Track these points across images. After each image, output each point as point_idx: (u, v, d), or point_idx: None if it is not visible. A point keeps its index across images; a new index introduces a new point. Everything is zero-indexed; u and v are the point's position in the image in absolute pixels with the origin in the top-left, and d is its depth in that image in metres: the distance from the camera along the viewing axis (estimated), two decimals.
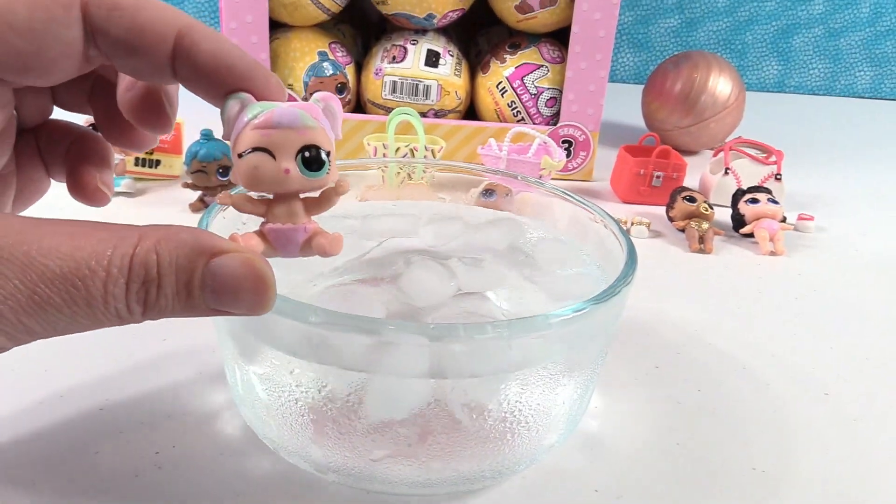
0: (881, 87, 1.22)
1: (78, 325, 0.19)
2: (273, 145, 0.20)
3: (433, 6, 0.64)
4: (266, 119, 0.20)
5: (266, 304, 0.20)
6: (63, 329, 0.19)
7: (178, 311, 0.20)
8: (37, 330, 0.19)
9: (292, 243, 0.21)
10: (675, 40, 1.18)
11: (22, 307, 0.18)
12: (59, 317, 0.19)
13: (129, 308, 0.19)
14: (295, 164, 0.20)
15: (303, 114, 0.20)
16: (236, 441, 0.31)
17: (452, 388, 0.25)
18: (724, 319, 0.44)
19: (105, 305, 0.19)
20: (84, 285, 0.19)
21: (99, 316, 0.19)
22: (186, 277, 0.19)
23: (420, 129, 0.56)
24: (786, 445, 0.33)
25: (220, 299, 0.20)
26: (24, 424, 0.31)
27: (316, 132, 0.20)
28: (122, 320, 0.20)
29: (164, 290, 0.19)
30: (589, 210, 0.34)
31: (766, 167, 0.64)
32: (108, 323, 0.19)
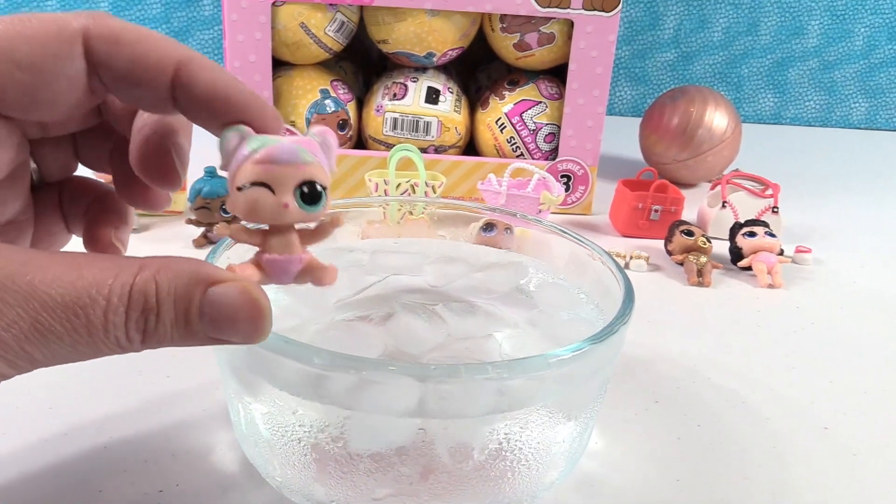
0: (876, 119, 1.24)
1: (78, 353, 0.19)
2: (273, 180, 0.20)
3: (433, 45, 0.66)
4: (266, 154, 0.20)
5: (262, 331, 0.21)
6: (64, 357, 0.20)
7: (177, 340, 0.20)
8: (38, 358, 0.19)
9: (287, 274, 0.21)
10: (672, 74, 1.20)
11: (24, 335, 0.18)
12: (60, 345, 0.19)
13: (128, 336, 0.20)
14: (293, 199, 0.20)
15: (301, 150, 0.20)
16: (239, 479, 0.31)
17: (445, 429, 0.26)
18: (723, 353, 0.45)
19: (105, 334, 0.19)
20: (85, 314, 0.19)
21: (99, 344, 0.19)
22: (185, 306, 0.20)
23: (420, 165, 0.57)
24: (786, 480, 0.33)
25: (217, 327, 0.20)
26: (28, 462, 0.31)
27: (313, 168, 0.20)
28: (121, 349, 0.20)
29: (162, 319, 0.20)
30: (587, 247, 0.35)
31: (763, 200, 0.65)
32: (107, 351, 0.20)
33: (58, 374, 0.38)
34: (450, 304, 0.32)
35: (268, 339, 0.24)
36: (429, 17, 0.64)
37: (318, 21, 0.64)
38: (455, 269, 0.37)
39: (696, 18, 1.17)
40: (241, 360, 0.27)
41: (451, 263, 0.38)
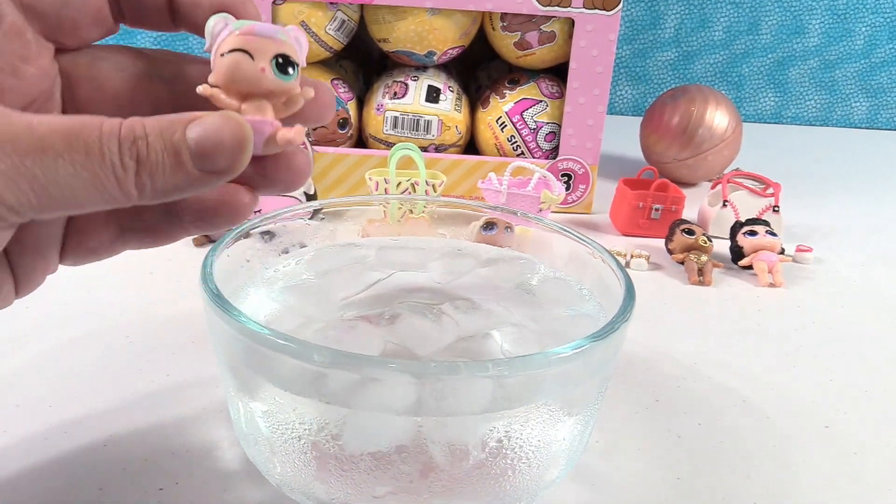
0: (877, 118, 1.23)
1: (79, 177, 0.20)
2: (253, 48, 0.22)
3: (434, 44, 0.66)
4: (248, 28, 0.22)
5: (245, 148, 0.21)
6: (64, 186, 0.20)
7: (169, 173, 0.21)
8: (37, 176, 0.19)
9: (259, 133, 0.23)
10: (673, 73, 1.19)
11: (24, 148, 0.19)
12: (59, 164, 0.19)
13: (122, 164, 0.20)
14: (270, 66, 0.22)
15: (279, 29, 0.23)
16: (239, 477, 0.31)
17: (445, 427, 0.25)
18: (724, 352, 0.45)
19: (102, 158, 0.20)
20: (83, 138, 0.20)
21: (97, 169, 0.20)
22: (171, 135, 0.21)
23: (421, 164, 0.57)
24: (787, 479, 0.33)
25: (204, 152, 0.21)
26: (28, 460, 0.31)
27: (288, 45, 0.23)
28: (119, 183, 0.20)
29: (153, 147, 0.20)
30: (588, 246, 0.35)
31: (763, 199, 0.65)
32: (107, 182, 0.20)
33: (58, 372, 0.38)
34: (455, 302, 0.32)
35: (267, 336, 0.24)
36: (429, 16, 0.64)
37: (319, 20, 0.64)
38: (461, 264, 0.37)
39: (697, 17, 1.16)
40: (240, 358, 0.27)
41: (458, 258, 0.38)
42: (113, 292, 0.47)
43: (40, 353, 0.40)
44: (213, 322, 0.27)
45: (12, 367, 0.38)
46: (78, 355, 0.39)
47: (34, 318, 0.43)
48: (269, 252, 0.36)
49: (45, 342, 0.41)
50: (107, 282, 0.48)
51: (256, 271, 0.35)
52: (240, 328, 0.25)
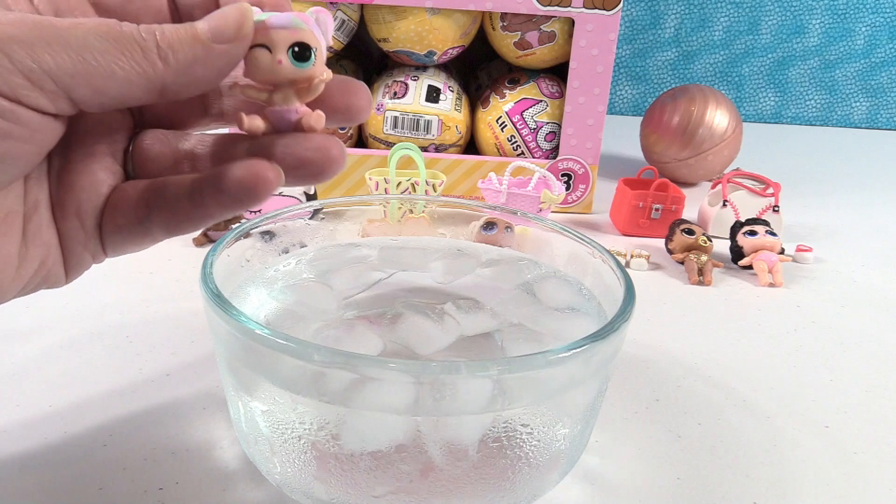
0: (877, 118, 1.23)
1: (108, 42, 0.21)
2: (270, 42, 0.24)
3: (434, 43, 0.66)
4: (263, 22, 0.24)
5: (247, 15, 0.23)
6: (97, 52, 0.21)
7: (188, 45, 0.23)
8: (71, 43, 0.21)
9: (286, 121, 0.25)
10: (673, 73, 1.19)
11: (58, 25, 0.21)
12: (89, 34, 0.21)
13: (143, 36, 0.22)
14: (286, 57, 0.24)
15: (294, 18, 0.24)
16: (239, 477, 0.31)
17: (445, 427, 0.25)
18: (724, 352, 0.45)
19: (121, 32, 0.22)
20: (104, 21, 0.22)
21: (121, 38, 0.21)
22: (184, 25, 0.23)
23: (421, 164, 0.57)
24: (786, 479, 0.33)
25: (215, 27, 0.23)
26: (28, 460, 0.31)
27: (304, 32, 0.24)
28: (145, 53, 0.22)
29: (168, 28, 0.22)
30: (588, 246, 0.35)
31: (763, 199, 0.65)
32: (131, 47, 0.22)
33: (58, 372, 0.38)
34: (457, 301, 0.32)
35: (266, 336, 0.24)
36: (429, 16, 0.64)
37: None
38: (462, 265, 0.37)
39: (697, 17, 1.17)
40: (240, 358, 0.27)
41: (458, 259, 0.38)
42: (113, 292, 0.47)
43: (40, 353, 0.40)
44: (213, 322, 0.27)
45: (12, 367, 0.38)
46: (78, 355, 0.39)
47: (34, 318, 0.43)
48: (269, 252, 0.36)
49: (46, 342, 0.41)
50: (107, 282, 0.48)
51: (256, 271, 0.35)
52: (239, 328, 0.25)
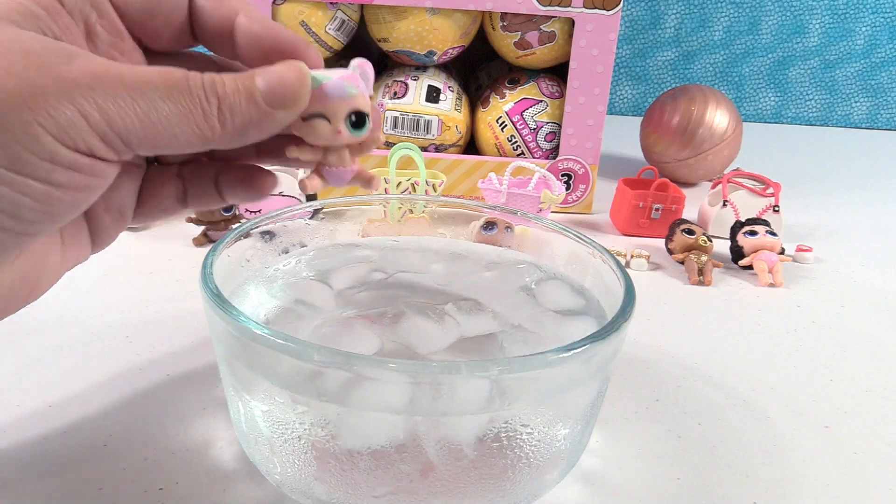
0: (877, 118, 1.23)
1: (175, 111, 0.22)
2: (328, 112, 0.25)
3: (434, 43, 0.66)
4: (321, 91, 0.25)
5: (305, 84, 0.25)
6: (163, 119, 0.22)
7: (245, 108, 0.24)
8: (143, 109, 0.22)
9: (342, 180, 0.27)
10: (673, 73, 1.19)
11: (133, 86, 0.22)
12: (159, 101, 0.22)
13: (207, 99, 0.23)
14: (344, 126, 0.26)
15: (348, 85, 0.25)
16: (239, 477, 0.31)
17: (445, 427, 0.25)
18: (724, 352, 0.45)
19: (190, 94, 0.23)
20: (173, 78, 0.23)
21: (188, 103, 0.23)
22: (243, 82, 0.24)
23: (421, 164, 0.57)
24: (786, 479, 0.33)
25: (272, 90, 0.24)
26: (28, 459, 0.31)
27: (358, 99, 0.26)
28: (206, 116, 0.23)
29: (230, 88, 0.24)
30: (588, 246, 0.35)
31: (763, 199, 0.65)
32: (196, 115, 0.23)
33: (58, 372, 0.38)
34: (458, 302, 0.32)
35: (266, 336, 0.24)
36: (429, 16, 0.64)
37: (319, 19, 0.64)
38: (463, 267, 0.37)
39: (697, 17, 1.16)
40: (240, 358, 0.27)
41: (459, 261, 0.38)
42: (113, 292, 0.47)
43: (40, 353, 0.40)
44: (212, 322, 0.27)
45: (12, 367, 0.38)
46: (78, 355, 0.39)
47: (34, 318, 0.43)
48: (269, 252, 0.36)
49: (46, 342, 0.41)
50: (107, 282, 0.48)
51: (256, 270, 0.35)
52: (239, 328, 0.25)
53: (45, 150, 0.21)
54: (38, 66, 0.21)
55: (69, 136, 0.21)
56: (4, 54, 0.21)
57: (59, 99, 0.21)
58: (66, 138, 0.21)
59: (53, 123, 0.21)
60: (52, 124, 0.21)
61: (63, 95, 0.21)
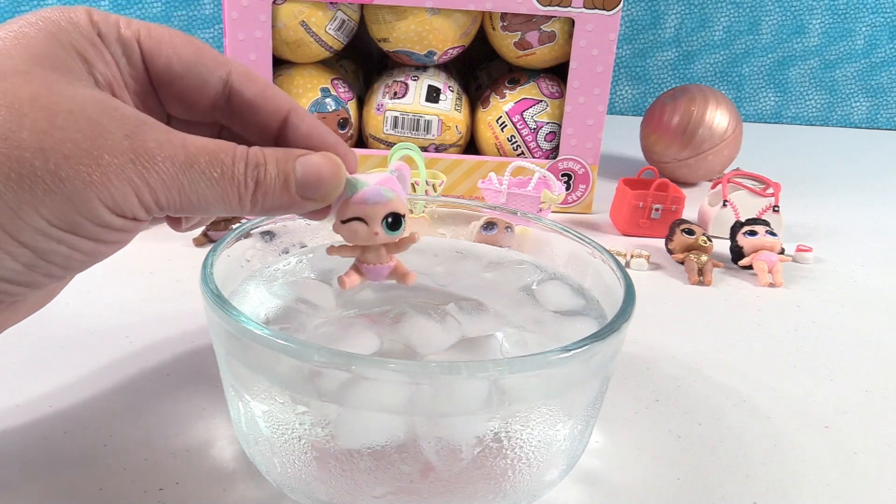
0: (877, 118, 1.23)
1: (212, 189, 0.24)
2: (366, 216, 0.27)
3: (434, 43, 0.66)
4: (359, 197, 0.27)
5: (338, 184, 0.27)
6: (200, 194, 0.24)
7: (278, 195, 0.26)
8: (184, 185, 0.24)
9: (380, 276, 0.29)
10: (673, 73, 1.19)
11: (179, 162, 0.23)
12: (201, 178, 0.24)
13: (245, 183, 0.25)
14: (381, 228, 0.27)
15: (384, 190, 0.27)
16: (240, 477, 0.31)
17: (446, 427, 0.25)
18: (724, 352, 0.45)
19: (231, 176, 0.24)
20: (220, 158, 0.24)
21: (227, 184, 0.24)
22: (284, 166, 0.26)
23: (421, 164, 0.57)
24: (786, 479, 0.33)
25: (307, 183, 0.26)
26: (28, 460, 0.31)
27: (394, 203, 0.27)
28: (240, 198, 0.25)
29: (269, 173, 0.25)
30: (588, 246, 0.35)
31: (763, 199, 0.65)
32: (231, 196, 0.25)
33: (58, 372, 0.38)
34: (460, 302, 0.32)
35: (266, 336, 0.24)
36: (429, 16, 0.64)
37: (319, 19, 0.64)
38: (464, 267, 0.37)
39: (697, 17, 1.16)
40: (240, 358, 0.27)
41: (461, 262, 0.38)
42: (113, 292, 0.47)
43: (40, 352, 0.40)
44: (212, 322, 0.27)
45: (12, 367, 0.38)
46: (78, 355, 0.39)
47: (34, 318, 0.43)
48: (269, 252, 0.36)
49: (46, 342, 0.41)
50: (107, 282, 0.48)
51: (257, 270, 0.35)
52: (239, 328, 0.25)
53: (101, 219, 0.23)
54: (100, 137, 0.22)
55: (121, 209, 0.23)
56: (69, 120, 0.22)
57: (119, 179, 0.22)
58: (119, 210, 0.23)
59: (111, 201, 0.23)
60: (110, 201, 0.23)
61: (122, 175, 0.22)
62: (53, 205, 0.22)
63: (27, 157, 0.21)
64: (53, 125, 0.22)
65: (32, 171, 0.21)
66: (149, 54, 0.27)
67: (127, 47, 0.27)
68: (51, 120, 0.22)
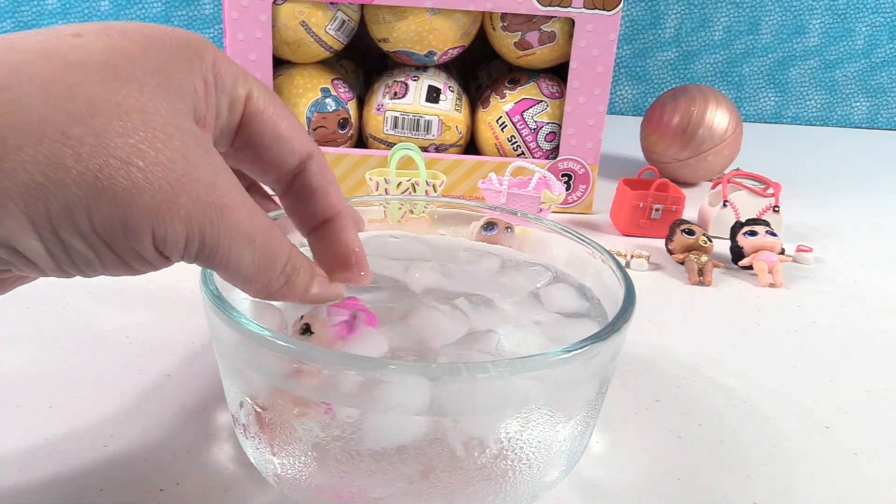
0: (877, 118, 1.23)
1: (252, 267, 0.24)
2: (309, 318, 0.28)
3: (434, 43, 0.66)
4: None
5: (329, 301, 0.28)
6: (238, 264, 0.24)
7: (292, 296, 0.26)
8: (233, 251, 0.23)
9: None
10: (673, 73, 1.19)
11: (242, 234, 0.23)
12: (249, 254, 0.24)
13: (278, 277, 0.25)
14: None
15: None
16: (240, 479, 0.31)
17: (454, 425, 0.25)
18: (724, 352, 0.45)
19: (274, 266, 0.25)
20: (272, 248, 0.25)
21: (267, 269, 0.25)
22: (310, 277, 0.27)
23: (421, 164, 0.57)
24: (786, 480, 0.33)
25: (312, 297, 0.27)
26: (28, 461, 0.31)
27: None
28: (268, 284, 0.25)
29: (299, 279, 0.26)
30: (588, 246, 0.35)
31: (763, 199, 0.65)
32: (261, 280, 0.25)
33: (58, 372, 0.38)
34: (471, 297, 0.32)
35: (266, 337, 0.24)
36: (429, 16, 0.64)
37: (319, 19, 0.64)
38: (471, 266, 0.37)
39: (697, 17, 1.16)
40: (239, 358, 0.27)
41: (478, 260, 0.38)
42: (113, 292, 0.47)
43: (41, 353, 0.40)
44: (212, 322, 0.27)
45: (12, 367, 0.38)
46: (78, 355, 0.39)
47: (34, 319, 0.43)
48: None
49: (46, 342, 0.41)
50: (107, 282, 0.48)
51: None
52: (239, 328, 0.25)
53: (140, 246, 0.22)
54: (186, 176, 0.22)
55: (164, 248, 0.22)
56: (167, 146, 0.21)
57: (182, 222, 0.22)
58: (161, 247, 0.22)
59: (162, 237, 0.22)
60: (161, 237, 0.22)
61: (188, 220, 0.22)
62: (109, 217, 0.21)
63: (113, 165, 0.20)
64: (151, 146, 0.21)
65: (112, 182, 0.20)
66: (248, 118, 0.27)
67: (234, 103, 0.27)
68: (150, 142, 0.21)
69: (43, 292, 0.44)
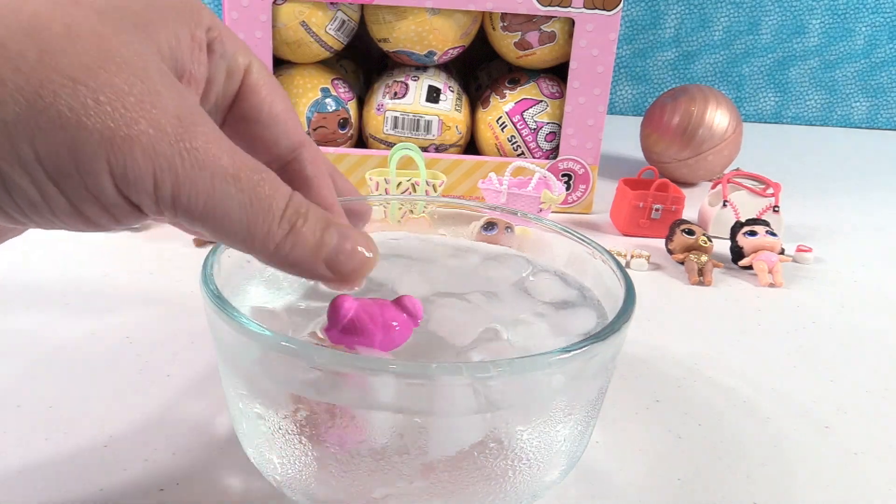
0: (877, 118, 1.23)
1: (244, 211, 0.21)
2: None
3: (434, 43, 0.66)
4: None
5: (363, 276, 0.24)
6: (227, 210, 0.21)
7: (305, 252, 0.22)
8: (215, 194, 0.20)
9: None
10: (673, 73, 1.19)
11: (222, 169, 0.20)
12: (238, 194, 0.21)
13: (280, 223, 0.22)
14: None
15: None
16: (240, 479, 0.31)
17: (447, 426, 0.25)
18: (724, 352, 0.45)
19: (269, 208, 0.21)
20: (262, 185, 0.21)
21: (261, 213, 0.21)
22: (324, 226, 0.23)
23: (421, 164, 0.57)
24: (787, 480, 0.33)
25: (336, 261, 0.23)
26: (28, 460, 0.31)
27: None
28: (268, 234, 0.22)
29: (308, 225, 0.22)
30: (588, 246, 0.35)
31: (763, 199, 0.65)
32: (259, 225, 0.21)
33: (58, 372, 0.38)
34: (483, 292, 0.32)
35: (267, 337, 0.24)
36: (429, 16, 0.64)
37: (319, 20, 0.64)
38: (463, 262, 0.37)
39: (697, 17, 1.16)
40: (240, 358, 0.27)
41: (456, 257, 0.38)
42: (113, 292, 0.47)
43: (40, 353, 0.40)
44: (213, 322, 0.27)
45: (13, 367, 0.38)
46: (78, 355, 0.39)
47: (35, 318, 0.43)
48: None
49: (46, 342, 0.41)
50: (107, 282, 0.48)
51: (257, 271, 0.35)
52: (239, 328, 0.25)
53: (98, 188, 0.19)
54: (149, 101, 0.19)
55: (128, 189, 0.19)
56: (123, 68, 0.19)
57: (145, 154, 0.19)
58: (124, 188, 0.19)
59: (121, 172, 0.19)
60: (120, 173, 0.19)
61: (150, 151, 0.19)
62: (54, 143, 0.18)
63: (57, 81, 0.18)
64: (103, 66, 0.18)
65: (55, 100, 0.18)
66: (245, 91, 0.26)
67: (232, 72, 0.25)
68: (102, 63, 0.18)
69: (42, 292, 0.44)
